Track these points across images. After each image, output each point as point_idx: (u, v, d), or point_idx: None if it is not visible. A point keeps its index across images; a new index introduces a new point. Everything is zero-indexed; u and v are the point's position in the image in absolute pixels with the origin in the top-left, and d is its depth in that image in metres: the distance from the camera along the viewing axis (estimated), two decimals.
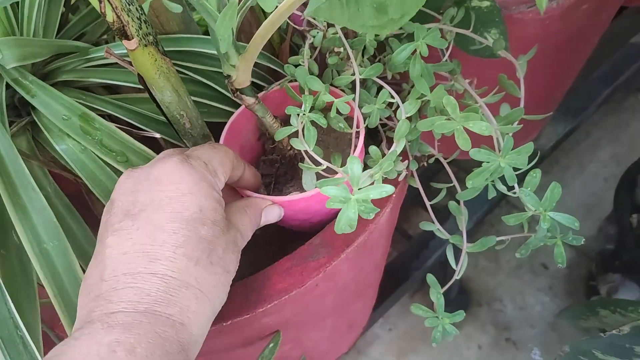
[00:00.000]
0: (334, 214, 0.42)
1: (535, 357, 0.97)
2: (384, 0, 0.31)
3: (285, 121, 0.40)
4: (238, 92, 0.35)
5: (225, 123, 0.44)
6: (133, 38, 0.29)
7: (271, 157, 0.44)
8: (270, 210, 0.38)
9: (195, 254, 0.29)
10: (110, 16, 0.28)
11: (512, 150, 0.37)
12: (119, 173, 0.37)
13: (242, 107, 0.43)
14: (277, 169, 0.44)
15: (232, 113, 0.44)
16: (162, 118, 0.43)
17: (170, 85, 0.34)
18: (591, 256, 1.02)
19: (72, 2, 0.45)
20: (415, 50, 0.40)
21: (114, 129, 0.37)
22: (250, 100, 0.36)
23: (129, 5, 0.29)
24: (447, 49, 0.46)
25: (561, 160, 1.14)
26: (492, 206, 0.93)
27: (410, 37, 0.45)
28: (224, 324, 0.39)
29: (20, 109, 0.42)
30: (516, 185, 0.40)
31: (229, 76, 0.35)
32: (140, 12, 0.30)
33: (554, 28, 0.59)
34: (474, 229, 0.96)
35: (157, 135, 0.39)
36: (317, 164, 0.37)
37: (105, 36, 0.46)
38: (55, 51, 0.41)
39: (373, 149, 0.39)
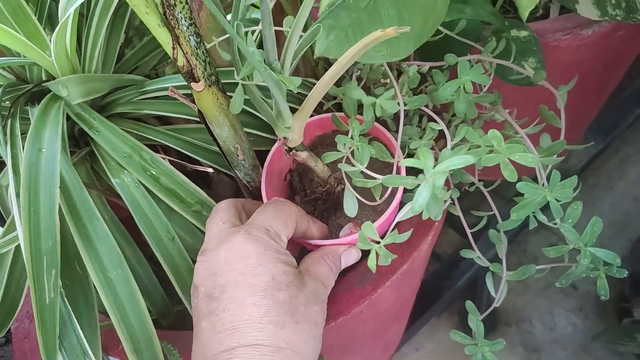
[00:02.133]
0: None
1: None
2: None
3: (312, 148, 0.41)
4: (293, 151, 0.37)
5: (268, 151, 0.45)
6: (200, 80, 0.31)
7: (313, 196, 0.45)
8: (349, 253, 0.40)
9: (279, 319, 0.31)
10: (180, 61, 0.30)
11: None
12: (166, 211, 0.39)
13: (271, 154, 0.45)
14: (319, 205, 0.45)
15: (274, 141, 0.46)
16: (212, 147, 0.44)
17: (229, 121, 0.36)
18: (622, 277, 1.01)
19: (129, 36, 0.47)
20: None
21: (169, 167, 0.39)
22: (303, 155, 0.38)
23: (197, 49, 0.31)
24: None
25: (589, 178, 1.13)
26: (521, 227, 0.93)
27: (451, 69, 0.47)
28: None
29: (78, 139, 0.44)
30: (558, 218, 0.41)
31: (285, 138, 0.36)
32: (205, 55, 0.32)
33: (589, 54, 0.60)
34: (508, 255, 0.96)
35: (210, 170, 0.41)
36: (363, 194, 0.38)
37: (156, 69, 0.48)
38: (114, 85, 0.43)
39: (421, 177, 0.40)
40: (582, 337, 0.98)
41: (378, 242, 0.37)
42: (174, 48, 0.29)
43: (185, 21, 0.29)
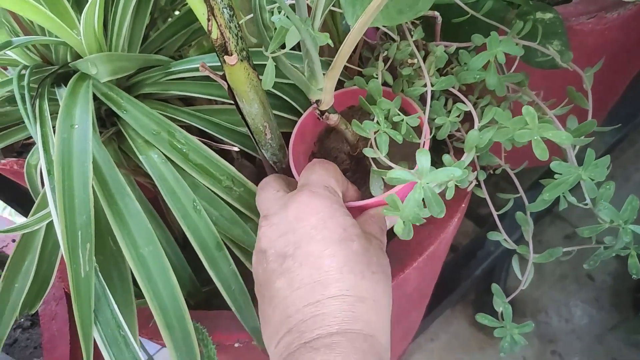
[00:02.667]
0: None
1: None
2: None
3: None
4: (326, 114, 0.37)
5: (290, 133, 0.45)
6: (233, 54, 0.31)
7: (341, 168, 0.45)
8: (389, 218, 0.40)
9: (358, 269, 0.31)
10: (215, 33, 0.30)
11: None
12: (192, 186, 0.39)
13: (301, 120, 0.45)
14: (348, 177, 0.45)
15: (295, 122, 0.46)
16: (236, 128, 0.44)
17: (259, 98, 0.35)
18: None
19: (154, 17, 0.47)
20: (488, 62, 0.41)
21: (198, 143, 0.39)
22: (335, 117, 0.38)
23: (230, 22, 0.30)
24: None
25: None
26: (537, 218, 0.92)
27: (478, 49, 0.46)
28: None
29: (105, 120, 0.44)
30: (588, 198, 0.41)
31: (317, 101, 0.36)
32: (238, 29, 0.32)
33: (613, 37, 0.59)
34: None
35: (235, 149, 0.41)
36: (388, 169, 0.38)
37: (180, 52, 0.48)
38: (140, 65, 0.43)
39: (447, 157, 0.40)
40: (597, 328, 0.97)
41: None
42: (208, 20, 0.29)
43: None
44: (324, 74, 0.35)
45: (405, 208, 0.33)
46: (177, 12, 0.48)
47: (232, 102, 0.36)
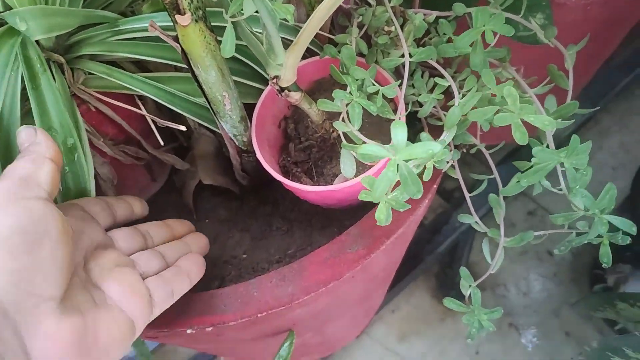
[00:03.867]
0: None
1: (529, 338, 0.98)
2: None
3: (310, 94, 0.38)
4: (285, 91, 0.33)
5: (254, 105, 0.41)
6: (186, 13, 0.27)
7: (307, 144, 0.42)
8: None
9: None
10: None
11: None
12: None
13: (263, 97, 0.41)
14: (314, 153, 0.42)
15: (262, 91, 0.42)
16: (194, 99, 0.40)
17: (216, 64, 0.31)
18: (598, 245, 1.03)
19: None
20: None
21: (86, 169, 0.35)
22: (296, 95, 0.34)
23: None
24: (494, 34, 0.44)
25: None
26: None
27: (458, 20, 0.43)
28: (259, 315, 0.38)
29: None
30: (563, 184, 0.39)
31: (276, 77, 0.32)
32: None
33: (595, 14, 0.57)
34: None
35: (183, 128, 0.37)
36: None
37: (132, 7, 0.42)
38: (82, 22, 0.38)
39: (424, 135, 0.37)
40: (555, 302, 1.00)
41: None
42: None
43: None
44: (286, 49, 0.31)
45: (378, 189, 0.29)
46: None
47: (187, 67, 0.32)
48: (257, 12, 0.28)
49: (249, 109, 0.41)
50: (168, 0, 0.26)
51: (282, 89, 0.33)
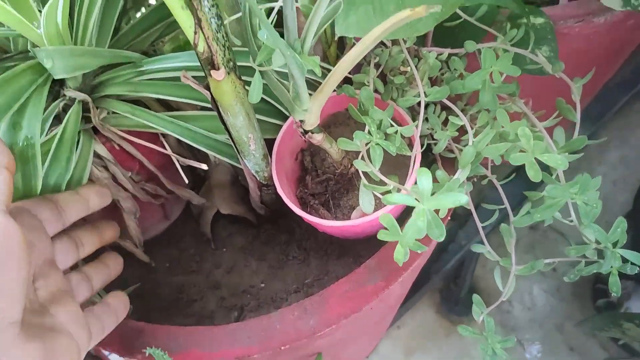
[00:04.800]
0: None
1: (534, 353, 0.99)
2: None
3: (325, 127, 0.39)
4: (309, 133, 0.34)
5: (274, 140, 0.43)
6: (220, 68, 0.28)
7: (324, 177, 0.43)
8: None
9: None
10: (201, 46, 0.27)
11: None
12: None
13: (281, 134, 0.42)
14: (331, 186, 0.43)
15: (280, 127, 0.43)
16: (215, 136, 0.41)
17: (244, 110, 0.33)
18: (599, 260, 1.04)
19: (126, 8, 0.43)
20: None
21: None
22: (319, 137, 0.35)
23: (218, 33, 0.27)
24: None
25: (571, 162, 1.15)
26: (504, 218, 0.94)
27: (469, 56, 0.45)
28: (282, 347, 0.39)
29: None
30: (574, 216, 0.40)
31: (301, 121, 0.33)
32: (225, 39, 0.29)
33: (597, 43, 0.59)
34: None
35: (204, 167, 0.38)
36: (380, 184, 0.37)
37: (154, 45, 0.44)
38: (107, 61, 0.39)
39: (440, 174, 0.38)
40: (558, 317, 1.01)
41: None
42: (195, 33, 0.26)
43: (208, 2, 0.26)
44: (310, 95, 0.32)
45: (406, 235, 0.31)
46: (152, 1, 0.44)
47: (216, 113, 0.33)
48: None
49: (268, 143, 0.42)
50: (204, 57, 0.27)
51: (305, 132, 0.35)
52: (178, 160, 0.39)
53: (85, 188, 0.36)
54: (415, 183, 0.30)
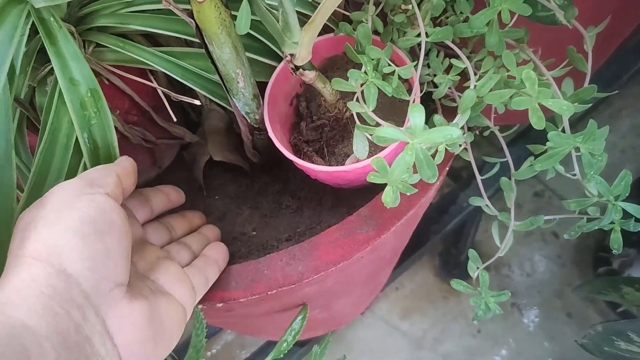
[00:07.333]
0: None
1: (531, 318, 0.99)
2: None
3: (322, 71, 0.38)
4: (300, 70, 0.32)
5: (267, 83, 0.41)
6: None
7: (319, 122, 0.42)
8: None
9: None
10: None
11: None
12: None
13: (275, 75, 0.41)
14: (326, 132, 0.42)
15: (274, 68, 0.42)
16: (207, 75, 0.40)
17: (231, 41, 0.31)
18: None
19: None
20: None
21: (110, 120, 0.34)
22: (311, 74, 0.33)
23: None
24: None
25: (580, 129, 1.12)
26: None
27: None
28: (269, 292, 0.38)
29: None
30: (577, 169, 0.39)
31: (291, 55, 0.31)
32: None
33: None
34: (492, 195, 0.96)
35: (197, 102, 0.37)
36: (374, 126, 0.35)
37: None
38: None
39: (438, 118, 0.36)
40: (557, 284, 1.00)
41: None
42: None
43: None
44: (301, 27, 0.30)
45: (394, 172, 0.29)
46: None
47: (201, 44, 0.32)
48: None
49: (261, 86, 0.41)
50: None
51: (296, 68, 0.33)
52: (170, 97, 0.38)
53: (166, 186, 0.42)
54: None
